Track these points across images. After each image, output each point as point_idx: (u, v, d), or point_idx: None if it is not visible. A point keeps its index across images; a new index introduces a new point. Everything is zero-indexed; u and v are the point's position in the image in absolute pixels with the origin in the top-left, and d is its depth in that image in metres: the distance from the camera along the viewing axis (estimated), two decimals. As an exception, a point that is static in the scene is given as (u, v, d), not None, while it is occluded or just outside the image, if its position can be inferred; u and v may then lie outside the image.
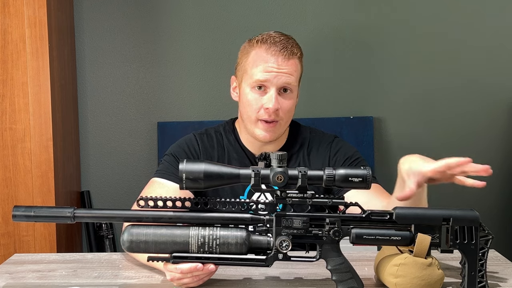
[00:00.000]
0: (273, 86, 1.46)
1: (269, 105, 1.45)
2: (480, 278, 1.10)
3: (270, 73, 1.45)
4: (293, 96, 1.51)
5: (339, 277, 1.12)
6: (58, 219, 1.13)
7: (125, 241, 1.12)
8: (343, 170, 1.09)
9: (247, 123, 1.52)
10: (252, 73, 1.47)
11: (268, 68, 1.46)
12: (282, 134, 1.56)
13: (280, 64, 1.46)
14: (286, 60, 1.47)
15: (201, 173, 1.09)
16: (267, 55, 1.47)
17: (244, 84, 1.51)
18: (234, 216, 1.13)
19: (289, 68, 1.47)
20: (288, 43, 1.49)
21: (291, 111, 1.51)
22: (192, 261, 1.11)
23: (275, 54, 1.46)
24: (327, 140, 1.58)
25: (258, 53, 1.48)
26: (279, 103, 1.46)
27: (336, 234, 1.11)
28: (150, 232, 1.11)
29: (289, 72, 1.47)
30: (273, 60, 1.46)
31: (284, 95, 1.48)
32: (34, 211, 1.13)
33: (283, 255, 1.11)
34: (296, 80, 1.51)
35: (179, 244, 1.11)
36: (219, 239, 1.11)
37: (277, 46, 1.47)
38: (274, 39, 1.48)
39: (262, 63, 1.46)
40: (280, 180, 1.08)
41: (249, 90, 1.48)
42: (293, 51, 1.49)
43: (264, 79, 1.45)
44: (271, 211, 1.12)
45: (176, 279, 1.16)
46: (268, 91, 1.46)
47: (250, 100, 1.48)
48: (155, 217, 1.13)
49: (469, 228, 1.11)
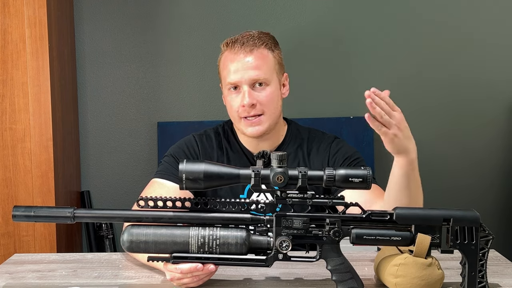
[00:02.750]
0: (243, 83, 1.49)
1: (243, 102, 1.48)
2: (480, 278, 1.10)
3: (237, 72, 1.49)
4: (271, 89, 1.51)
5: (339, 277, 1.12)
6: (58, 219, 1.13)
7: (125, 241, 1.12)
8: (343, 170, 1.09)
9: (236, 124, 1.55)
10: (224, 76, 1.53)
11: (234, 67, 1.50)
12: (275, 129, 1.56)
13: (243, 61, 1.49)
14: (249, 53, 1.49)
15: (201, 174, 1.09)
16: (231, 54, 1.51)
17: (224, 88, 1.56)
18: (234, 216, 1.13)
19: (255, 61, 1.49)
20: (250, 37, 1.52)
21: (272, 101, 1.51)
22: (192, 261, 1.11)
23: (236, 52, 1.50)
24: (327, 141, 1.59)
25: (226, 56, 1.53)
26: (254, 97, 1.49)
27: (336, 234, 1.11)
28: (150, 232, 1.12)
29: (256, 65, 1.49)
30: (237, 57, 1.50)
31: (259, 88, 1.50)
32: (34, 211, 1.13)
33: (283, 255, 1.11)
34: (268, 71, 1.51)
35: (179, 244, 1.11)
36: (219, 239, 1.11)
37: (238, 44, 1.51)
38: (236, 38, 1.53)
39: (229, 63, 1.51)
40: (280, 181, 1.08)
41: (227, 93, 1.53)
42: (255, 43, 1.50)
43: (234, 80, 1.49)
44: (271, 211, 1.12)
45: (176, 279, 1.16)
46: (241, 89, 1.50)
47: (230, 101, 1.53)
48: (155, 217, 1.13)
49: (469, 229, 1.11)
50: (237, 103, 1.50)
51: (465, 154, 2.60)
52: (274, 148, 1.58)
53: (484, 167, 2.61)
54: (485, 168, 2.62)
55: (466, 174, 2.61)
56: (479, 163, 2.61)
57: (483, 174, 2.61)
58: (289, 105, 2.31)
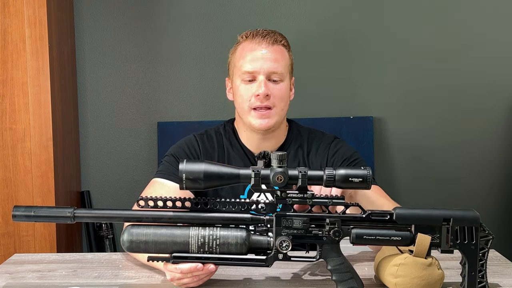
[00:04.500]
0: (261, 73, 1.49)
1: (259, 91, 1.48)
2: (480, 278, 1.10)
3: (257, 61, 1.49)
4: (284, 85, 1.53)
5: (339, 277, 1.12)
6: (58, 219, 1.13)
7: (125, 241, 1.12)
8: (343, 170, 1.09)
9: (243, 116, 1.54)
10: (240, 65, 1.52)
11: (254, 56, 1.50)
12: (279, 128, 1.56)
13: (264, 50, 1.50)
14: (270, 45, 1.51)
15: (201, 173, 1.09)
16: (251, 44, 1.52)
17: (235, 79, 1.54)
18: (234, 216, 1.13)
19: (274, 54, 1.51)
20: (271, 32, 1.55)
21: (283, 99, 1.52)
22: (192, 261, 1.11)
23: (258, 42, 1.52)
24: (327, 141, 1.59)
25: (244, 46, 1.54)
26: (269, 89, 1.49)
27: (336, 234, 1.11)
28: (150, 232, 1.11)
29: (275, 58, 1.50)
30: (258, 47, 1.51)
31: (274, 82, 1.51)
32: (34, 211, 1.13)
33: (283, 255, 1.11)
34: (284, 68, 1.53)
35: (179, 244, 1.11)
36: (219, 239, 1.11)
37: (260, 35, 1.53)
38: (257, 31, 1.55)
39: (248, 53, 1.51)
40: (280, 180, 1.08)
41: (240, 83, 1.52)
42: (276, 38, 1.53)
43: (252, 68, 1.49)
44: (271, 211, 1.12)
45: (176, 279, 1.16)
46: (257, 79, 1.50)
47: (242, 91, 1.52)
48: (155, 217, 1.13)
49: (469, 229, 1.11)
50: (250, 93, 1.49)
51: (465, 155, 2.60)
52: (275, 149, 1.57)
53: (484, 167, 2.61)
54: (485, 169, 2.62)
55: (466, 174, 2.61)
56: (479, 163, 2.61)
57: (483, 174, 2.61)
58: (289, 105, 2.31)
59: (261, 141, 1.56)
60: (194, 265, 1.11)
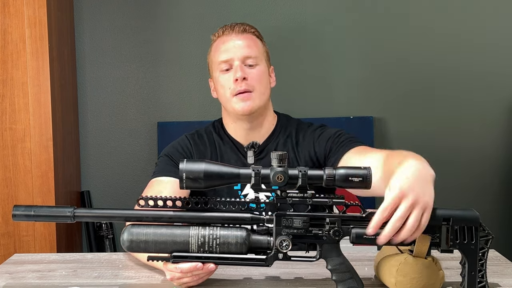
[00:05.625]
0: (235, 59, 1.56)
1: (236, 75, 1.54)
2: (480, 278, 1.10)
3: (230, 50, 1.57)
4: (261, 68, 1.58)
5: (339, 277, 1.12)
6: (58, 218, 1.13)
7: (125, 241, 1.12)
8: (343, 170, 1.09)
9: (227, 105, 1.58)
10: (215, 60, 1.60)
11: (226, 46, 1.57)
12: (265, 118, 1.60)
13: (235, 42, 1.58)
14: (240, 34, 1.59)
15: (201, 173, 1.09)
16: (223, 38, 1.60)
17: (215, 73, 1.61)
18: (234, 216, 1.13)
19: (245, 41, 1.58)
20: (240, 23, 1.62)
21: (261, 81, 1.56)
22: (192, 260, 1.11)
23: (228, 33, 1.60)
24: (311, 128, 1.62)
25: (217, 42, 1.62)
26: (246, 72, 1.55)
27: (336, 234, 1.11)
28: (150, 231, 1.11)
29: (247, 45, 1.57)
30: (229, 39, 1.59)
31: (250, 67, 1.56)
32: (34, 210, 1.13)
33: (283, 255, 1.11)
34: (258, 52, 1.58)
35: (179, 244, 1.11)
36: (219, 239, 1.11)
37: (229, 27, 1.61)
38: (226, 26, 1.63)
39: (221, 45, 1.59)
40: (281, 180, 1.08)
41: (219, 74, 1.58)
42: (245, 28, 1.61)
43: (227, 57, 1.56)
44: (271, 211, 1.12)
45: (176, 278, 1.16)
46: (233, 66, 1.56)
47: (222, 81, 1.58)
48: (155, 217, 1.12)
49: (469, 228, 1.10)
50: (229, 81, 1.55)
51: (465, 154, 2.60)
52: (264, 139, 1.60)
53: (484, 167, 2.61)
54: (486, 168, 2.61)
55: (466, 174, 2.61)
56: (479, 163, 2.61)
57: (484, 174, 2.61)
58: (289, 105, 2.32)
59: (248, 132, 1.59)
60: (194, 264, 1.11)
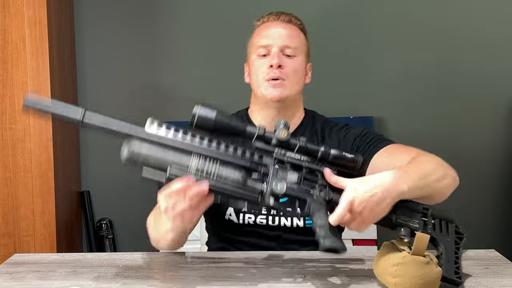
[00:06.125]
0: (274, 46, 1.55)
1: (272, 61, 1.52)
2: (456, 269, 1.16)
3: (271, 36, 1.56)
4: (298, 60, 1.57)
5: (324, 232, 1.12)
6: (65, 118, 1.17)
7: (126, 151, 1.16)
8: (336, 151, 1.18)
9: (257, 89, 1.57)
10: (255, 43, 1.59)
11: (268, 32, 1.57)
12: (293, 110, 1.60)
13: (278, 27, 1.58)
14: (285, 23, 1.59)
15: (211, 121, 1.18)
16: (266, 23, 1.60)
17: (252, 56, 1.59)
18: (235, 159, 1.17)
19: (288, 30, 1.57)
20: (287, 13, 1.62)
21: (296, 73, 1.56)
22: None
23: (273, 20, 1.60)
24: (337, 128, 1.62)
25: (260, 27, 1.61)
26: (282, 61, 1.54)
27: (325, 194, 1.16)
28: (153, 148, 1.14)
29: (289, 34, 1.56)
30: (272, 25, 1.58)
31: (287, 57, 1.55)
32: (46, 104, 1.16)
33: (274, 199, 1.15)
34: (299, 45, 1.57)
35: (178, 165, 1.13)
36: (217, 170, 1.14)
37: (275, 15, 1.61)
38: (271, 12, 1.63)
39: (263, 31, 1.58)
40: (284, 135, 1.16)
41: (255, 58, 1.57)
42: (291, 19, 1.60)
43: (266, 42, 1.55)
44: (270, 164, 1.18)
45: (170, 208, 1.16)
46: (271, 52, 1.55)
47: (257, 66, 1.56)
48: (164, 138, 1.17)
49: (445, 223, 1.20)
50: (264, 66, 1.54)
51: (465, 155, 2.60)
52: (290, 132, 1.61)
53: (484, 167, 2.61)
54: (486, 169, 2.62)
55: (466, 174, 2.60)
56: (479, 163, 2.61)
57: (484, 174, 2.61)
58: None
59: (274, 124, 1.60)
60: (186, 179, 1.12)
